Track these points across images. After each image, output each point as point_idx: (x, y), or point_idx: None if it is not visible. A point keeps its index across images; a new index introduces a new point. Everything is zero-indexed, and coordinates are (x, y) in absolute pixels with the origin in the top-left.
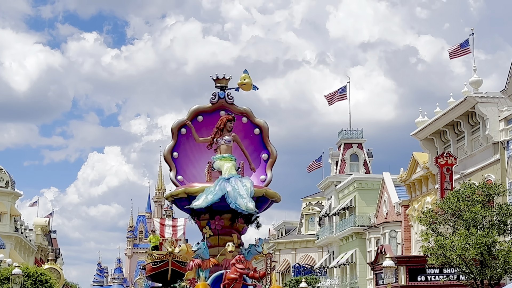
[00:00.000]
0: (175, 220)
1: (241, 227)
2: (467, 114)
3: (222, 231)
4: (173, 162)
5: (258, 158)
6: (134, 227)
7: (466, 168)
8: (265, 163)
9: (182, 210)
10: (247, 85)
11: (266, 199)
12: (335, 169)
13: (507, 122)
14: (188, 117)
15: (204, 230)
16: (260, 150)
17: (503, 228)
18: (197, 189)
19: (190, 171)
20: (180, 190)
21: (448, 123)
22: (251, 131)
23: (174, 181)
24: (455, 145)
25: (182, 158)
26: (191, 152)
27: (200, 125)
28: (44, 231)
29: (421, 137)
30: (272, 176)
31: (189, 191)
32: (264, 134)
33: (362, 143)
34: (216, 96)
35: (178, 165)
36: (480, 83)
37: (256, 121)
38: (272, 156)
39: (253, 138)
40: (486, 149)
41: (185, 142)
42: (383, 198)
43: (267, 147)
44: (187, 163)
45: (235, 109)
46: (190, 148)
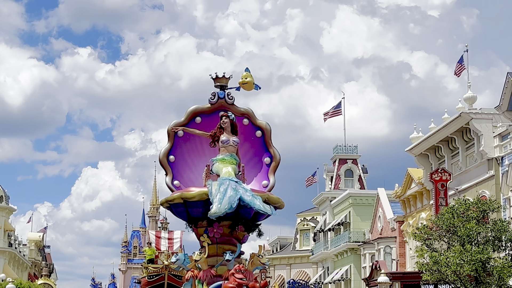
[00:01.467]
0: (171, 233)
1: (241, 235)
2: (462, 130)
3: (221, 240)
4: (169, 166)
5: (260, 162)
6: (128, 242)
7: (460, 184)
8: (268, 168)
9: (178, 216)
10: (249, 84)
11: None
12: (330, 184)
13: (501, 138)
14: (186, 118)
15: (202, 239)
16: (262, 154)
17: (497, 245)
18: (194, 194)
19: (187, 176)
20: (176, 195)
21: (442, 139)
22: (252, 133)
23: (170, 186)
24: (449, 161)
25: (178, 162)
26: (189, 156)
27: (198, 127)
28: (38, 246)
29: (416, 153)
30: (275, 181)
31: (185, 196)
32: (266, 136)
33: (357, 158)
34: (215, 96)
35: (174, 170)
36: (475, 99)
37: (258, 122)
38: (275, 160)
39: (254, 141)
40: (480, 165)
41: (182, 145)
42: (378, 213)
43: (269, 150)
44: (184, 167)
45: (236, 110)
46: (187, 151)
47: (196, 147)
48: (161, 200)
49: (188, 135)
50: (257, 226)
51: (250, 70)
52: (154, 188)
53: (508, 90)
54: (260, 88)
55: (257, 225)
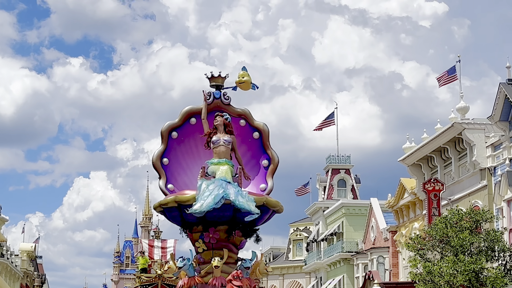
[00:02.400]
0: (164, 242)
1: (238, 241)
2: (454, 140)
3: (217, 245)
4: (162, 169)
5: (257, 164)
6: (121, 253)
7: (453, 194)
8: (266, 170)
9: (172, 221)
10: (246, 83)
11: (267, 209)
12: (322, 194)
13: (494, 148)
14: (180, 119)
15: (197, 244)
16: (260, 156)
17: (490, 255)
18: (189, 197)
19: (181, 179)
20: (169, 199)
21: (435, 149)
22: (249, 135)
23: (164, 190)
24: (442, 171)
25: (173, 165)
26: (183, 158)
27: (193, 129)
28: (30, 256)
29: (409, 163)
30: (273, 185)
31: (180, 199)
32: (264, 138)
33: (349, 168)
34: (211, 96)
35: (168, 173)
36: (467, 109)
37: (255, 123)
38: (273, 163)
39: (252, 142)
40: (473, 175)
41: (176, 147)
42: (371, 223)
43: (267, 152)
44: (179, 171)
45: (232, 111)
46: (182, 154)
47: (191, 149)
48: (154, 204)
49: (183, 136)
50: (255, 231)
51: (247, 69)
52: (146, 198)
53: (501, 100)
54: (257, 87)
55: (254, 230)
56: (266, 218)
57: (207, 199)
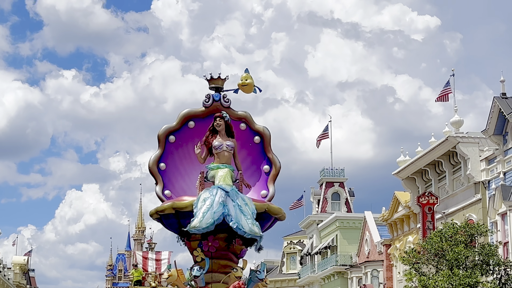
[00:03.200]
0: (158, 254)
1: (239, 249)
2: (449, 154)
3: (216, 254)
4: (159, 174)
5: (258, 170)
6: (113, 266)
7: (447, 208)
8: (267, 176)
9: (169, 229)
10: (249, 86)
11: (269, 216)
12: (316, 207)
13: (488, 162)
14: (178, 122)
15: (195, 253)
16: (261, 161)
17: (485, 268)
18: (187, 203)
19: (179, 185)
20: (166, 205)
21: (429, 163)
22: (250, 139)
23: (161, 196)
24: (436, 185)
25: (170, 170)
26: (181, 163)
27: (191, 132)
28: (23, 269)
29: (403, 176)
30: (274, 191)
31: (177, 205)
32: (265, 142)
33: (343, 181)
34: (210, 98)
35: (165, 178)
36: (461, 123)
37: (256, 127)
38: (275, 168)
39: (252, 147)
40: (467, 189)
41: (173, 152)
42: (365, 237)
43: (268, 157)
44: (176, 176)
45: (232, 114)
46: (179, 158)
47: (189, 154)
48: (151, 210)
49: (181, 140)
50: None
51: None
52: (139, 211)
53: (495, 114)
54: (261, 91)
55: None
56: (268, 226)
57: (206, 215)
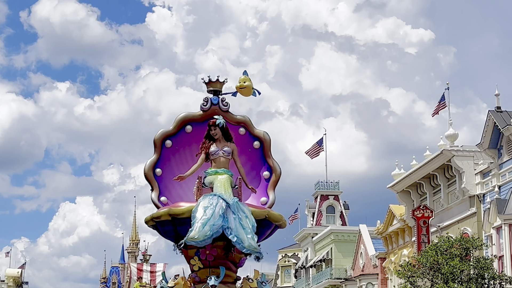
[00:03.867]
0: (153, 266)
1: (238, 258)
2: (443, 167)
3: (214, 263)
4: (155, 180)
5: (257, 176)
6: (107, 279)
7: (442, 221)
8: (267, 183)
9: (165, 236)
10: (247, 89)
11: (269, 223)
12: (311, 220)
13: (483, 176)
14: (174, 126)
15: (192, 262)
16: (260, 167)
17: (480, 282)
18: (184, 209)
19: (175, 191)
20: (163, 212)
21: (424, 176)
22: (249, 144)
23: (157, 203)
24: (431, 198)
25: (166, 176)
26: (178, 169)
27: (188, 137)
28: (17, 282)
29: (398, 189)
30: (275, 198)
31: (174, 212)
32: (265, 148)
33: (338, 194)
34: (208, 102)
35: (161, 184)
36: (456, 136)
37: (256, 132)
38: (275, 174)
39: (252, 152)
40: (462, 202)
41: (170, 157)
42: (360, 250)
43: (268, 163)
44: (173, 182)
45: (231, 118)
46: (176, 164)
47: (186, 160)
48: (146, 217)
49: (177, 145)
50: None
51: (248, 74)
52: (133, 224)
53: (489, 128)
54: (259, 93)
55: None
56: (268, 234)
57: (204, 227)
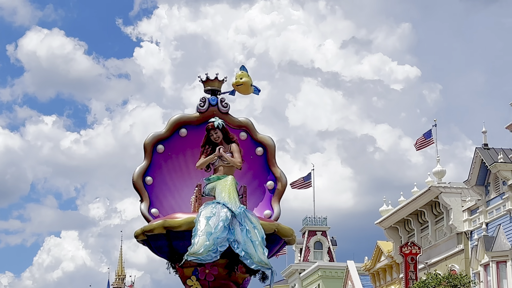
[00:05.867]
0: None
1: (241, 278)
2: (431, 203)
3: (214, 283)
4: (145, 189)
5: (260, 187)
6: None
7: (430, 258)
8: (271, 194)
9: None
10: (245, 85)
11: (278, 238)
12: (299, 256)
13: (470, 213)
14: (168, 129)
15: (189, 282)
16: (264, 176)
17: None
18: (181, 221)
19: (168, 203)
20: (156, 224)
21: (412, 212)
22: (251, 150)
23: (147, 215)
24: (419, 235)
25: (157, 185)
26: (170, 178)
27: (183, 142)
28: None
29: (385, 225)
30: (280, 211)
31: (169, 224)
32: (269, 155)
33: (326, 230)
34: (205, 102)
35: (152, 194)
36: (444, 173)
37: (259, 137)
38: (280, 184)
39: (254, 160)
40: (450, 239)
41: (162, 164)
42: (348, 286)
43: (273, 171)
44: (164, 192)
45: (232, 121)
46: (168, 172)
47: (179, 167)
48: (136, 231)
49: (170, 150)
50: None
51: (247, 69)
52: (120, 258)
53: (477, 165)
54: (259, 90)
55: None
56: (276, 251)
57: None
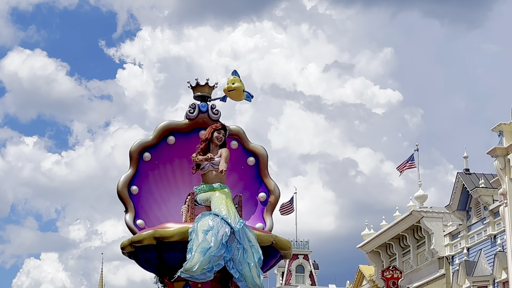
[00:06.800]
0: None
1: None
2: (413, 228)
3: None
4: (130, 199)
5: (252, 199)
6: None
7: (412, 282)
8: (263, 206)
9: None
10: (237, 91)
11: (275, 251)
12: (280, 280)
13: (451, 237)
14: (155, 136)
15: None
16: (256, 188)
17: None
18: (174, 231)
19: (154, 215)
20: (146, 234)
21: (394, 237)
22: (242, 161)
23: (132, 226)
24: (401, 259)
25: (144, 195)
26: (157, 188)
27: (170, 150)
28: None
29: (367, 249)
30: (272, 225)
31: (161, 234)
32: (261, 165)
33: (308, 254)
34: (195, 109)
35: (137, 205)
36: (425, 198)
37: (251, 146)
38: (273, 197)
39: (245, 170)
40: (431, 263)
41: (148, 173)
42: None
43: (265, 183)
44: (150, 203)
45: None
46: (155, 182)
47: (166, 177)
48: (123, 242)
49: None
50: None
51: (239, 74)
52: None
53: (458, 189)
54: (252, 97)
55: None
56: (272, 264)
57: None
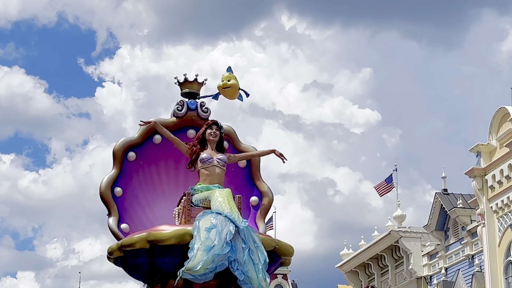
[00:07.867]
0: None
1: None
2: (391, 248)
3: None
4: (114, 202)
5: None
6: None
7: None
8: (255, 211)
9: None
10: (233, 88)
11: (276, 256)
12: None
13: (430, 257)
14: (140, 135)
15: None
16: (247, 191)
17: None
18: (170, 234)
19: (139, 219)
20: (139, 237)
21: (372, 256)
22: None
23: (116, 231)
24: (379, 279)
25: (128, 197)
26: (141, 190)
27: (156, 150)
28: None
29: (346, 269)
30: (265, 230)
31: (156, 237)
32: (253, 167)
33: (287, 273)
34: (183, 106)
35: (122, 208)
36: (404, 218)
37: (242, 147)
38: (267, 200)
39: (235, 173)
40: (409, 283)
41: (132, 174)
42: None
43: (257, 186)
44: (135, 206)
45: None
46: (139, 183)
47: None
48: (111, 246)
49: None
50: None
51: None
52: None
53: (436, 210)
54: (248, 95)
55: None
56: (273, 270)
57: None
